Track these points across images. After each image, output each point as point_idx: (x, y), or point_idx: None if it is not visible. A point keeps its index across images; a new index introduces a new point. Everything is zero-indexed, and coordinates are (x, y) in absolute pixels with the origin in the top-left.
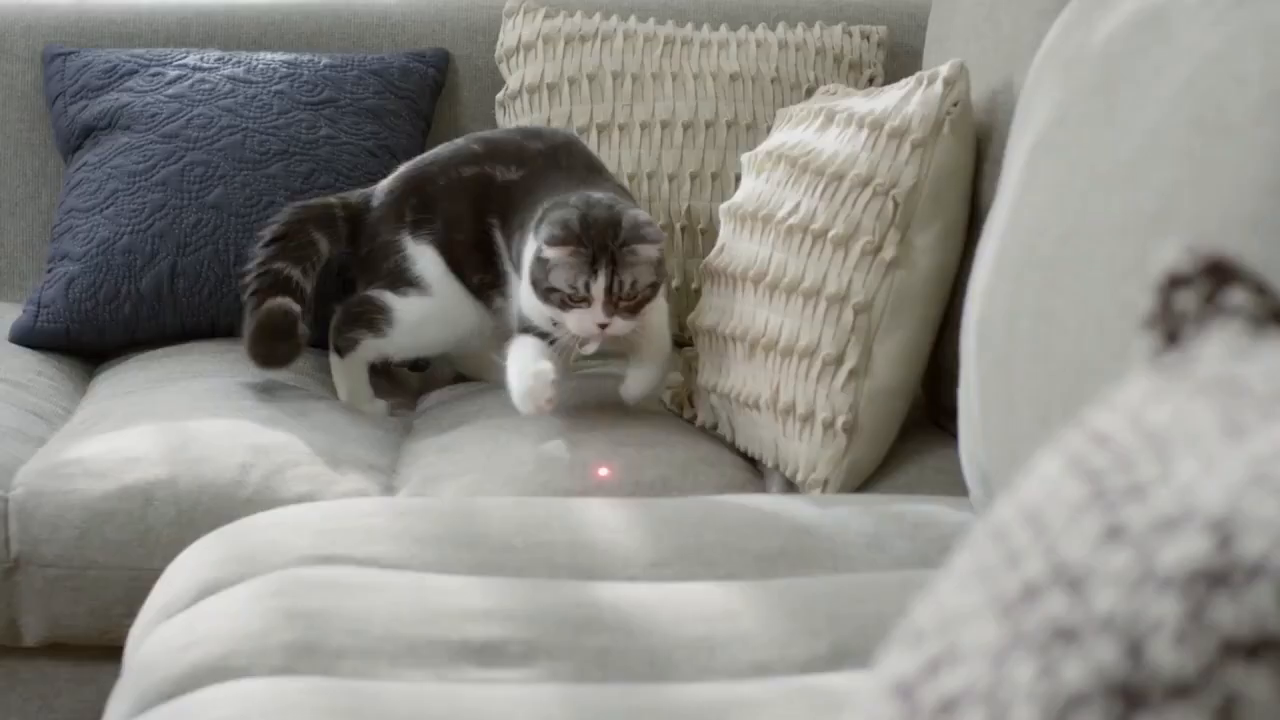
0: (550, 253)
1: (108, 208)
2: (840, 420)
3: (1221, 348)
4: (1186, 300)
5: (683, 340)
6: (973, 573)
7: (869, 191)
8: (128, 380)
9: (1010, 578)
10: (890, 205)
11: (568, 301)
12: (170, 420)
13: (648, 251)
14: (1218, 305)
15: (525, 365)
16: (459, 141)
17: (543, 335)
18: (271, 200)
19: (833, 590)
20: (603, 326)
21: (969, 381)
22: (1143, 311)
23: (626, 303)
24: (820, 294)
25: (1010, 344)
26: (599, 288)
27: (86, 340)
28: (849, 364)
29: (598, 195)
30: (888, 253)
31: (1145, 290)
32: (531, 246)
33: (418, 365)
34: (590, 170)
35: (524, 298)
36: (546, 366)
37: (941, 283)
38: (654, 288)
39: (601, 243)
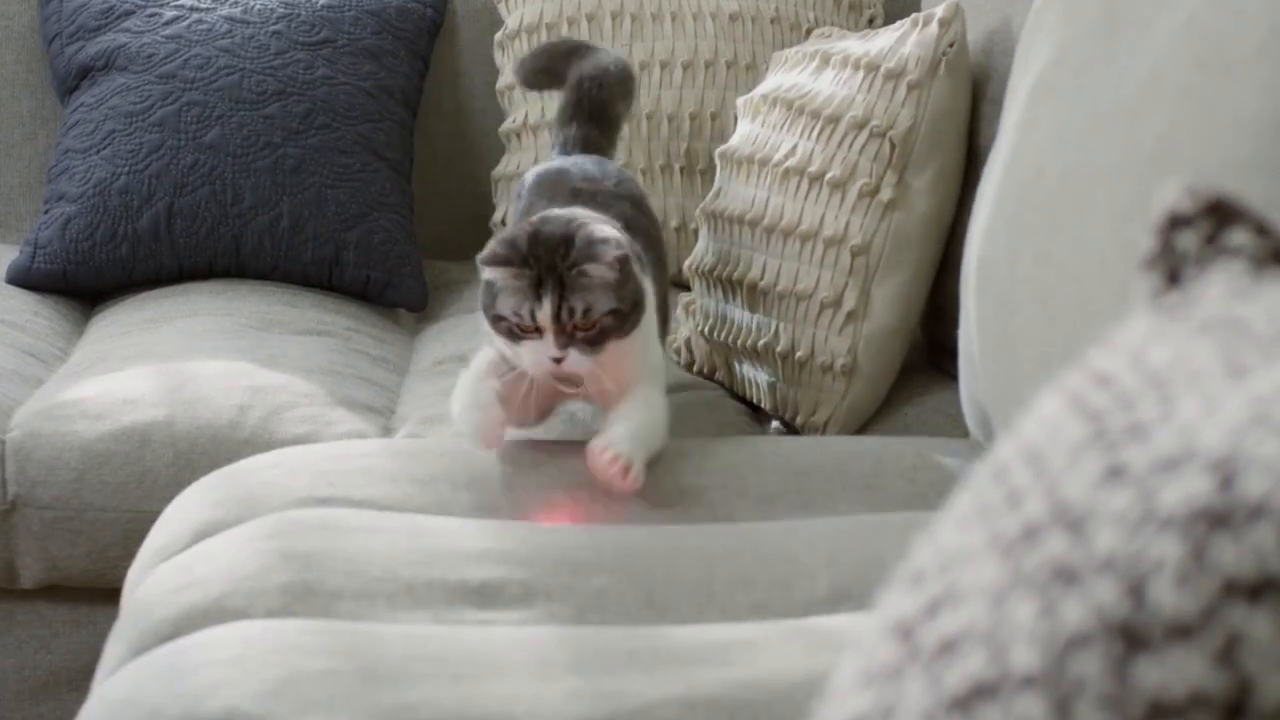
0: (491, 274)
1: (104, 148)
2: (839, 363)
3: (1223, 288)
4: (1187, 240)
5: (681, 285)
6: (973, 513)
7: (865, 133)
8: (125, 321)
9: (1010, 518)
10: (887, 147)
11: (517, 331)
12: (168, 361)
13: (599, 271)
14: (1219, 245)
15: (470, 391)
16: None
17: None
18: (269, 140)
19: (831, 532)
20: (557, 361)
21: (968, 323)
22: (1143, 252)
23: (584, 332)
24: (818, 237)
25: (1010, 285)
26: (545, 315)
27: (83, 281)
28: (847, 306)
29: (563, 211)
30: (885, 195)
31: (1146, 230)
32: None
33: (414, 305)
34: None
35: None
36: (491, 397)
37: (939, 224)
38: (618, 317)
39: (549, 263)
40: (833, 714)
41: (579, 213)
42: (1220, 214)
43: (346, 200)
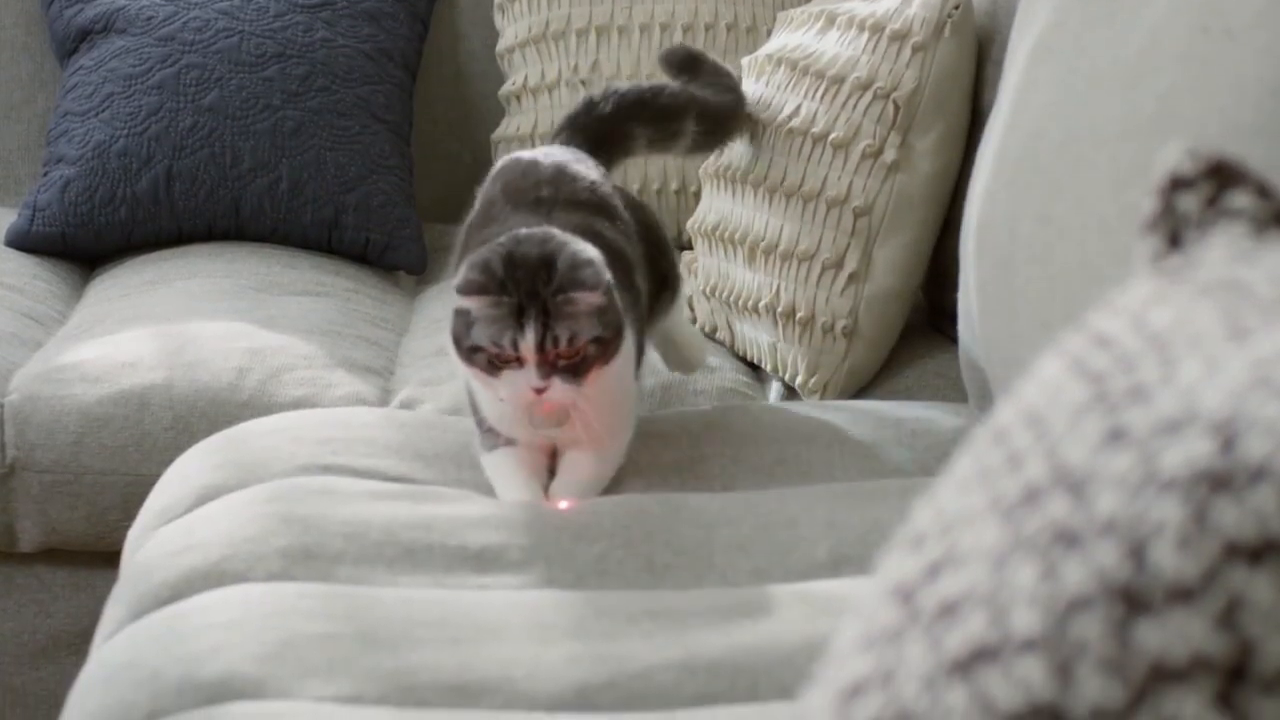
0: (468, 303)
1: (103, 111)
2: (840, 324)
3: (1224, 251)
4: (1189, 203)
5: (682, 244)
6: (974, 476)
7: (869, 95)
8: (124, 283)
9: (1011, 480)
10: (891, 108)
11: (496, 362)
12: (166, 324)
13: (588, 299)
14: (1220, 208)
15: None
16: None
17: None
18: (268, 103)
19: (831, 497)
20: (539, 391)
21: (968, 285)
22: (1144, 214)
23: (566, 361)
24: (820, 197)
25: (1010, 248)
26: (529, 345)
27: (82, 244)
28: (849, 268)
29: (534, 231)
30: (888, 156)
31: (1147, 193)
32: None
33: (414, 268)
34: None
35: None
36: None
37: (942, 186)
38: (601, 344)
39: (530, 289)
40: (833, 677)
41: (553, 231)
42: (1221, 176)
43: (346, 163)
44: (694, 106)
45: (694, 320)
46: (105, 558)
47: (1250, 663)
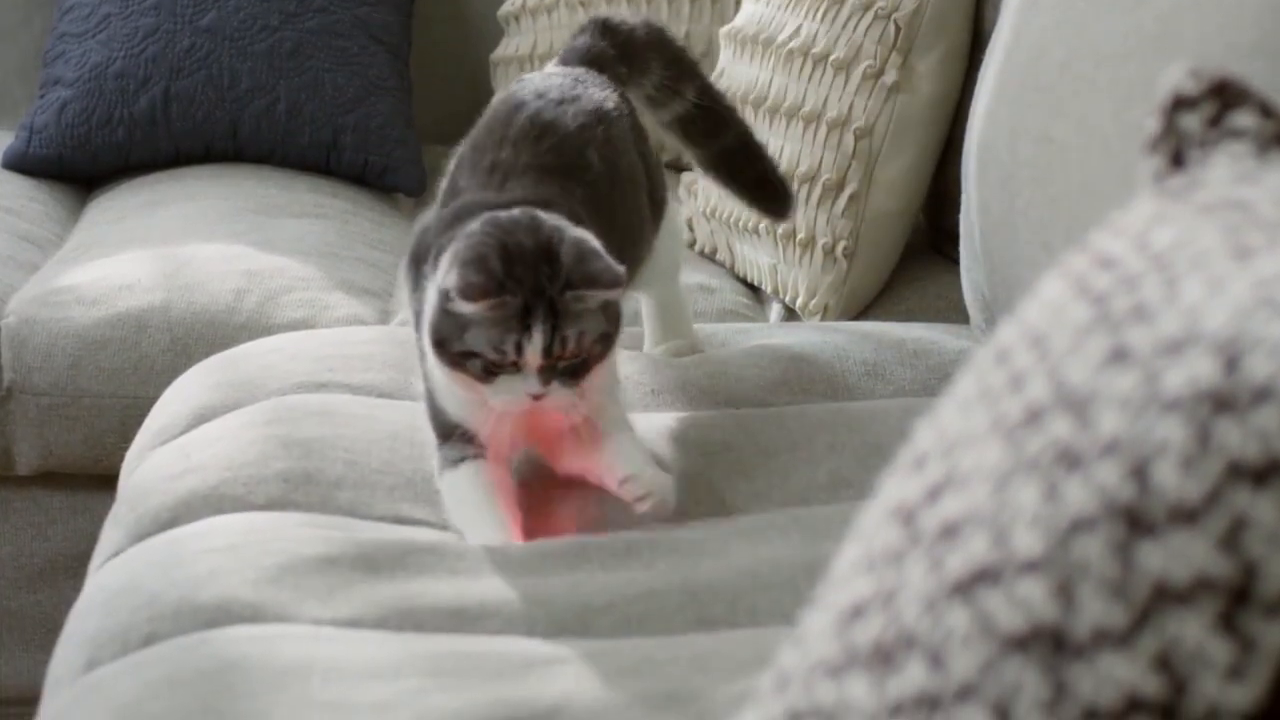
0: (466, 307)
1: (100, 32)
2: (840, 246)
3: (1227, 170)
4: (1191, 122)
5: (681, 165)
6: (975, 396)
7: (870, 14)
8: (121, 205)
9: (1013, 401)
10: (892, 29)
11: (491, 369)
12: (164, 246)
13: (602, 297)
14: (1223, 127)
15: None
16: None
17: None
18: (265, 24)
19: (831, 419)
20: (536, 398)
21: (970, 206)
22: (1147, 134)
23: (569, 362)
24: (821, 119)
25: (1012, 168)
26: (535, 349)
27: (79, 165)
28: (850, 189)
29: (515, 216)
30: (889, 77)
31: (1149, 113)
32: (433, 289)
33: (412, 189)
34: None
35: (433, 365)
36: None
37: (943, 107)
38: (606, 341)
39: (534, 286)
40: (834, 599)
41: (539, 215)
42: (1225, 96)
43: (344, 84)
44: (699, 80)
45: (693, 243)
46: (102, 481)
47: (1253, 584)
